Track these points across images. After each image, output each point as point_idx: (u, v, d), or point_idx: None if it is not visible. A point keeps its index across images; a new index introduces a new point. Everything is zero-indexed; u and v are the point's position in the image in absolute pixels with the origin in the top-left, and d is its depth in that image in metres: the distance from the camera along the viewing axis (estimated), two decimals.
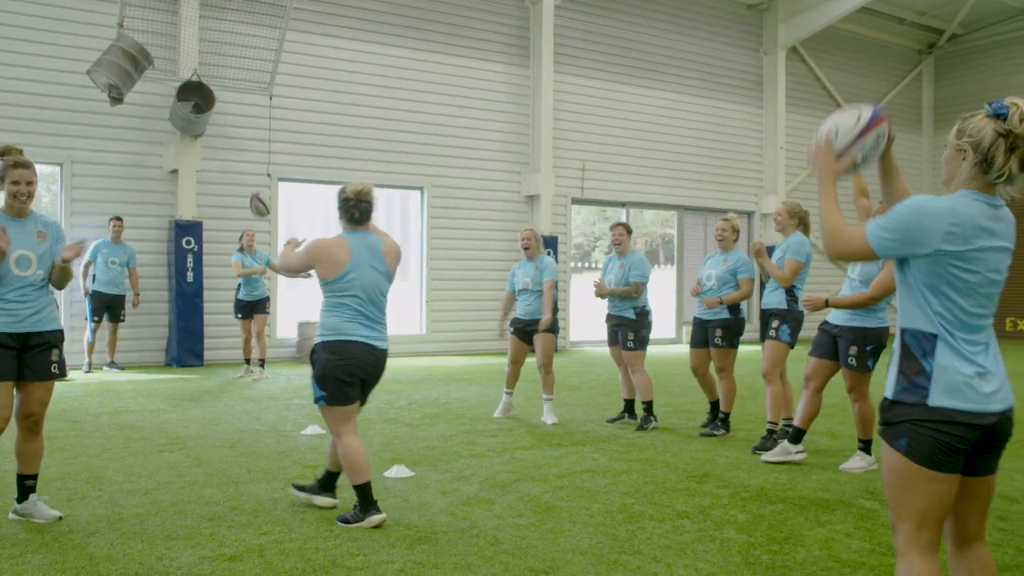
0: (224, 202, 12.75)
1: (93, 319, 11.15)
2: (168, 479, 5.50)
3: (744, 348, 7.70)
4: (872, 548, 4.25)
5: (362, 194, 4.68)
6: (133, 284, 11.49)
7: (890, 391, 2.59)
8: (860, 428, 6.07)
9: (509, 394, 8.17)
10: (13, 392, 4.41)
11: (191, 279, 12.17)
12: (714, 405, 7.48)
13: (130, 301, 11.49)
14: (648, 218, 19.65)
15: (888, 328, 5.69)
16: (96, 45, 11.27)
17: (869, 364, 5.83)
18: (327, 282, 4.63)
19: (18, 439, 4.51)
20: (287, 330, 13.44)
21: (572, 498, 5.15)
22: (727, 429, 7.30)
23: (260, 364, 10.87)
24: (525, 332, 7.87)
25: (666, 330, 17.33)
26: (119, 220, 11.34)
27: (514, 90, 15.38)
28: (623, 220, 13.54)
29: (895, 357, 2.61)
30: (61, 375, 4.57)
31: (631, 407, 7.86)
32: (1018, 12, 19.57)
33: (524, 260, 7.97)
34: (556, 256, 14.90)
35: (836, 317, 5.99)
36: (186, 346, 12.10)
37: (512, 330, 7.99)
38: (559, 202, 15.77)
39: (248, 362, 10.99)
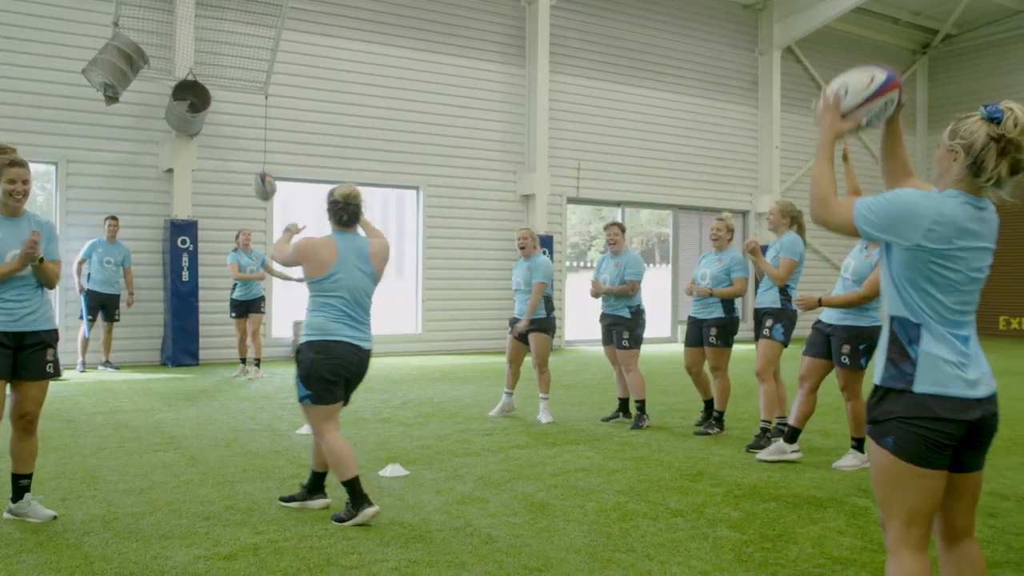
0: (220, 201, 12.74)
1: (88, 318, 11.13)
2: (163, 478, 5.51)
3: (738, 347, 7.71)
4: (864, 545, 4.28)
5: (350, 197, 4.74)
6: (128, 284, 11.47)
7: (878, 377, 2.63)
8: (853, 426, 6.10)
9: (509, 394, 8.15)
10: (7, 391, 4.42)
11: (186, 278, 12.16)
12: (708, 404, 7.50)
13: (125, 301, 11.47)
14: (644, 217, 19.67)
15: (880, 327, 5.70)
16: (91, 44, 11.23)
17: (862, 363, 5.85)
18: (313, 281, 4.70)
19: (12, 438, 4.51)
20: (282, 329, 13.43)
21: (566, 496, 5.17)
22: (721, 428, 7.32)
23: (256, 363, 10.87)
24: (522, 331, 7.89)
25: (661, 329, 17.34)
26: (114, 219, 11.32)
27: (510, 90, 15.38)
28: (618, 220, 13.55)
29: (883, 344, 2.65)
30: (56, 375, 4.58)
31: (626, 406, 7.88)
32: (1012, 12, 19.61)
33: (521, 259, 7.99)
34: (552, 255, 14.92)
35: (829, 316, 6.02)
36: (181, 345, 12.09)
37: (509, 329, 8.01)
38: (555, 201, 15.78)
39: (244, 361, 10.99)
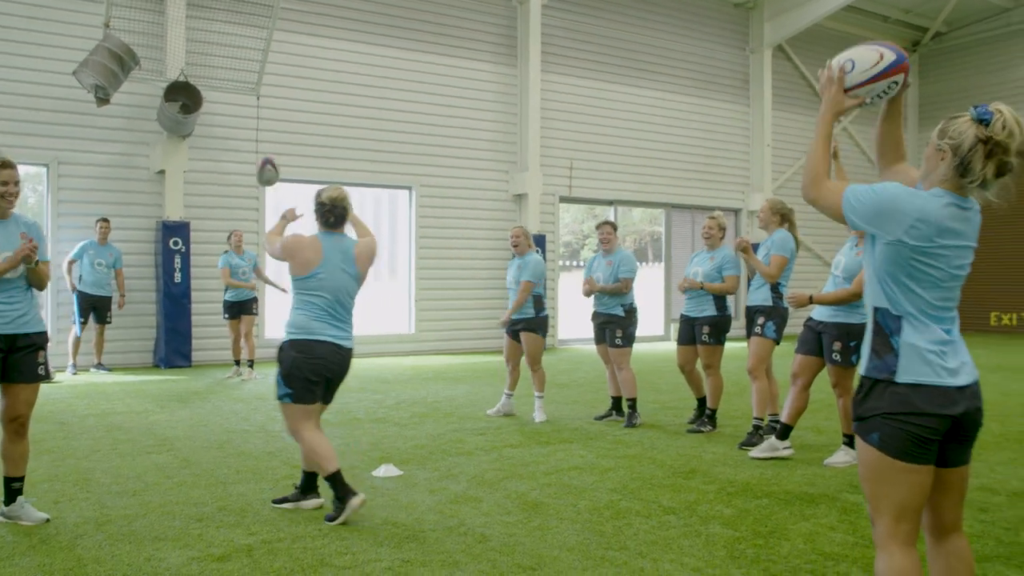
0: (212, 203, 12.72)
1: (80, 320, 11.10)
2: (156, 480, 5.50)
3: (730, 345, 7.74)
4: (856, 541, 4.29)
5: (336, 200, 4.80)
6: (119, 286, 11.43)
7: (863, 367, 2.66)
8: (844, 423, 6.12)
9: (509, 396, 8.13)
10: None
11: (179, 280, 12.13)
12: (701, 402, 7.51)
13: (116, 303, 11.44)
14: (636, 216, 19.69)
15: None
16: (82, 45, 11.20)
17: (853, 359, 5.88)
18: (297, 279, 4.76)
19: (4, 441, 4.51)
20: (275, 331, 13.41)
21: (559, 495, 5.18)
22: (714, 425, 7.34)
23: (249, 365, 10.86)
24: (513, 331, 7.90)
25: (654, 327, 17.36)
26: (106, 221, 11.29)
27: (502, 89, 15.38)
28: (610, 219, 13.57)
29: (868, 334, 2.68)
30: (46, 377, 4.58)
31: (618, 405, 7.89)
32: (1001, 10, 19.69)
33: (515, 257, 7.98)
34: (544, 255, 14.92)
35: (820, 313, 6.04)
36: (174, 347, 12.06)
37: (506, 328, 8.01)
38: (547, 201, 15.79)
39: (237, 363, 10.97)
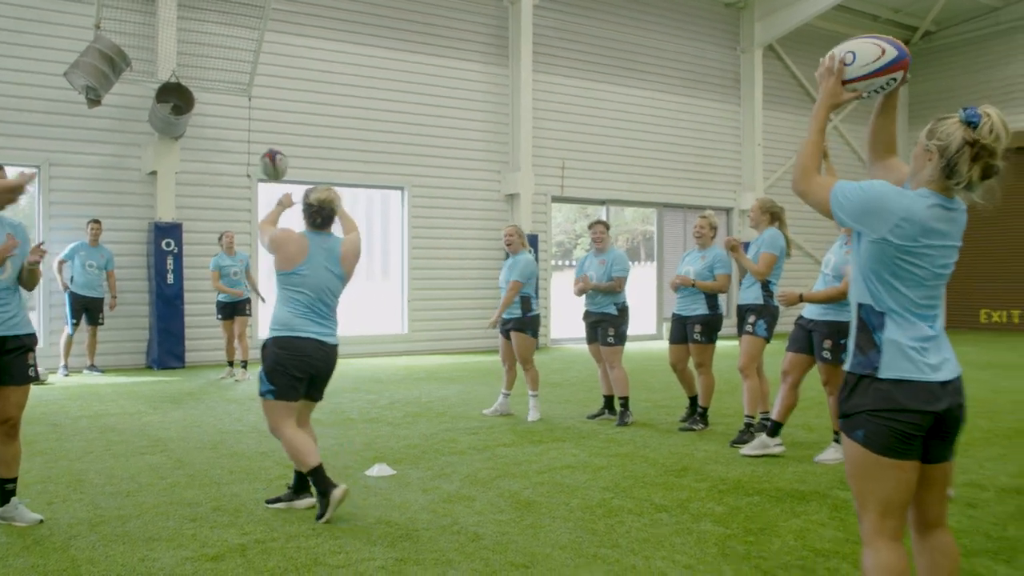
0: (204, 204, 12.69)
1: (72, 321, 11.07)
2: (150, 481, 5.50)
3: (722, 343, 7.77)
4: (846, 537, 4.32)
5: (325, 202, 4.84)
6: (111, 287, 11.41)
7: (848, 363, 2.69)
8: (835, 420, 6.12)
9: (506, 395, 8.12)
10: None
11: (171, 281, 12.10)
12: (693, 400, 7.53)
13: (108, 304, 11.41)
14: (628, 215, 19.72)
15: None
16: (73, 47, 11.17)
17: (843, 357, 5.86)
18: (280, 273, 4.80)
19: None
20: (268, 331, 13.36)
21: (552, 494, 5.19)
22: (705, 423, 7.37)
23: (242, 365, 10.85)
24: (505, 330, 7.91)
25: (646, 326, 17.39)
26: (97, 223, 11.26)
27: (493, 89, 15.38)
28: (602, 218, 13.57)
29: (852, 331, 2.70)
30: (36, 378, 4.58)
31: (611, 403, 7.90)
32: (990, 9, 19.77)
33: (509, 257, 7.98)
34: (537, 254, 14.91)
35: (811, 312, 6.07)
36: (167, 348, 12.03)
37: (499, 329, 8.02)
38: (539, 200, 15.80)
39: (231, 364, 10.96)
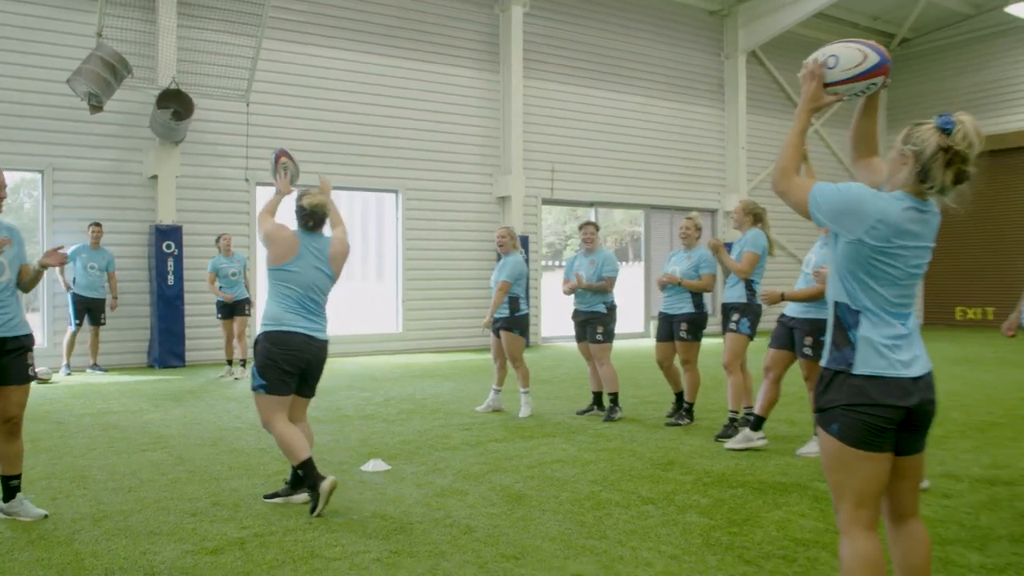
0: (203, 207, 12.69)
1: (75, 321, 11.06)
2: (151, 477, 5.51)
3: (707, 341, 7.80)
4: (826, 527, 4.35)
5: (317, 207, 4.92)
6: (112, 288, 11.41)
7: (824, 359, 2.73)
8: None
9: (496, 391, 8.14)
10: None
11: (172, 282, 12.10)
12: (679, 396, 7.56)
13: (109, 304, 11.41)
14: (617, 217, 19.76)
15: None
16: (75, 54, 11.17)
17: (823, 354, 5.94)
18: (271, 268, 4.84)
19: None
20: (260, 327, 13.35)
21: (542, 487, 5.22)
22: (691, 418, 7.40)
23: (241, 364, 10.85)
24: (495, 329, 7.93)
25: (634, 325, 17.43)
26: (98, 225, 11.26)
27: (485, 95, 15.41)
28: (592, 219, 13.59)
29: (828, 328, 2.74)
30: (35, 378, 4.60)
31: (600, 400, 7.94)
32: (963, 16, 19.92)
33: (500, 257, 8.00)
34: (527, 255, 14.95)
35: (792, 310, 6.11)
36: (168, 347, 12.03)
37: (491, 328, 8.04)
38: (530, 203, 15.83)
39: (230, 363, 10.97)
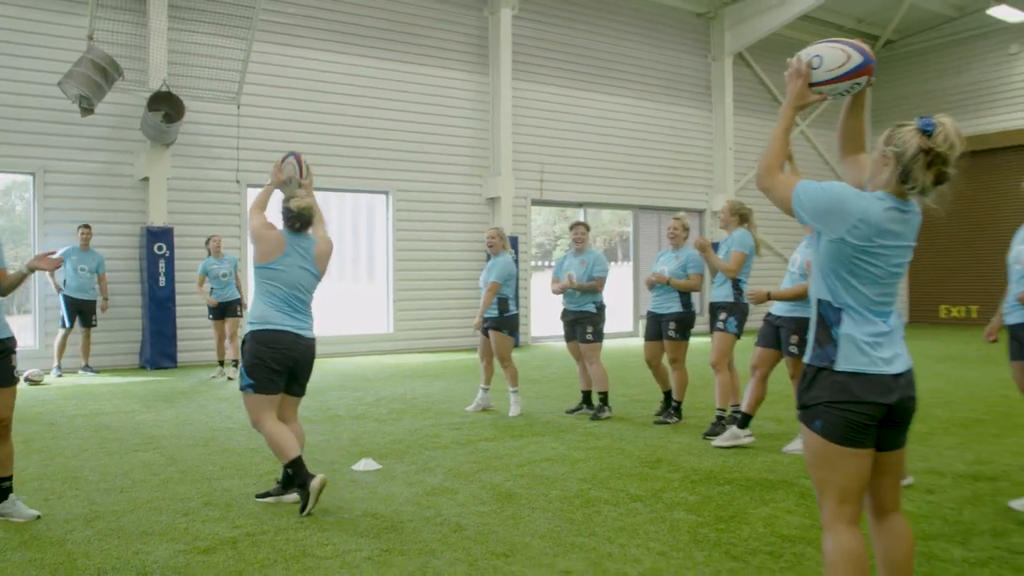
0: (194, 208, 12.63)
1: (67, 323, 11.00)
2: (143, 477, 5.48)
3: (694, 340, 7.81)
4: (811, 523, 4.36)
5: (304, 210, 4.89)
6: (102, 289, 11.35)
7: (807, 356, 2.72)
8: None
9: (485, 390, 8.13)
10: None
11: (163, 284, 12.05)
12: (667, 394, 7.57)
13: (100, 306, 11.36)
14: (606, 217, 19.78)
15: None
16: (66, 57, 11.09)
17: None
18: (257, 265, 4.84)
19: None
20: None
21: (532, 485, 5.21)
22: (679, 417, 7.41)
23: (233, 364, 10.80)
24: (484, 329, 7.92)
25: (623, 324, 17.45)
26: (87, 227, 11.20)
27: (475, 97, 15.40)
28: (582, 220, 13.60)
29: (812, 325, 2.74)
30: (19, 379, 4.57)
31: (589, 398, 7.94)
32: (946, 19, 20.03)
33: (490, 258, 7.99)
34: (517, 255, 14.94)
35: (778, 309, 6.13)
36: (159, 349, 11.97)
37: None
38: (519, 203, 15.82)
39: (222, 363, 10.93)
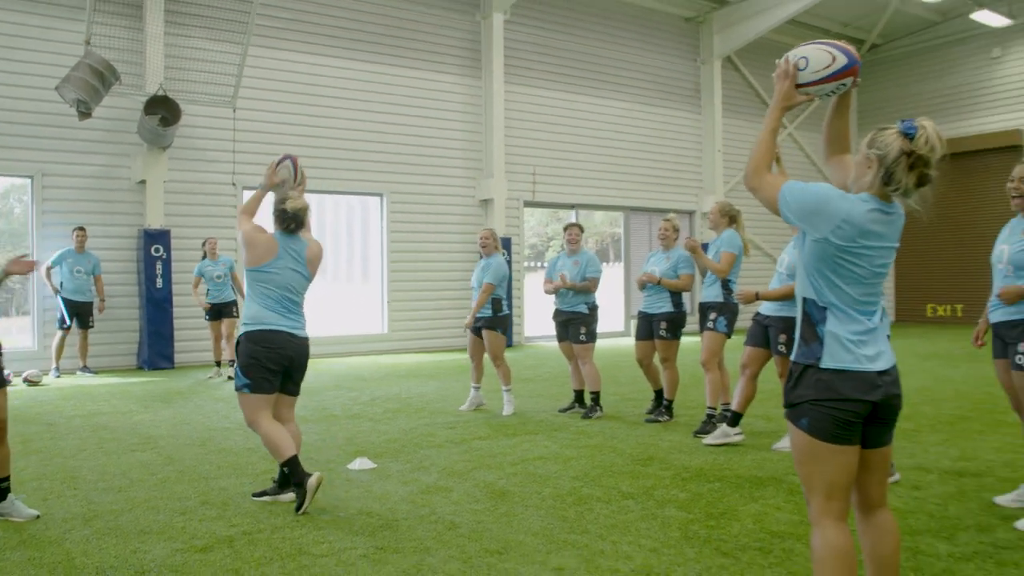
0: (191, 211, 12.60)
1: (63, 326, 10.97)
2: (141, 477, 5.46)
3: (685, 339, 7.83)
4: (800, 519, 4.37)
5: (299, 211, 4.86)
6: (99, 291, 11.32)
7: (793, 354, 2.73)
8: None
9: (476, 389, 8.12)
10: None
11: (160, 285, 12.01)
12: (658, 393, 7.58)
13: (97, 307, 11.32)
14: (598, 219, 19.80)
15: None
16: (64, 62, 11.07)
17: None
18: (250, 269, 4.79)
19: None
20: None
21: (525, 483, 5.21)
22: (670, 415, 7.42)
23: (230, 364, 10.77)
24: (475, 329, 7.92)
25: (614, 324, 17.46)
26: (82, 230, 11.16)
27: (467, 100, 15.40)
28: (575, 221, 13.58)
29: (798, 323, 2.75)
30: (9, 382, 4.57)
31: (581, 397, 7.94)
32: (930, 23, 20.13)
33: (482, 259, 7.99)
34: (510, 256, 14.96)
35: (767, 308, 6.14)
36: (156, 349, 11.94)
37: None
38: (512, 205, 15.83)
39: (218, 364, 10.90)
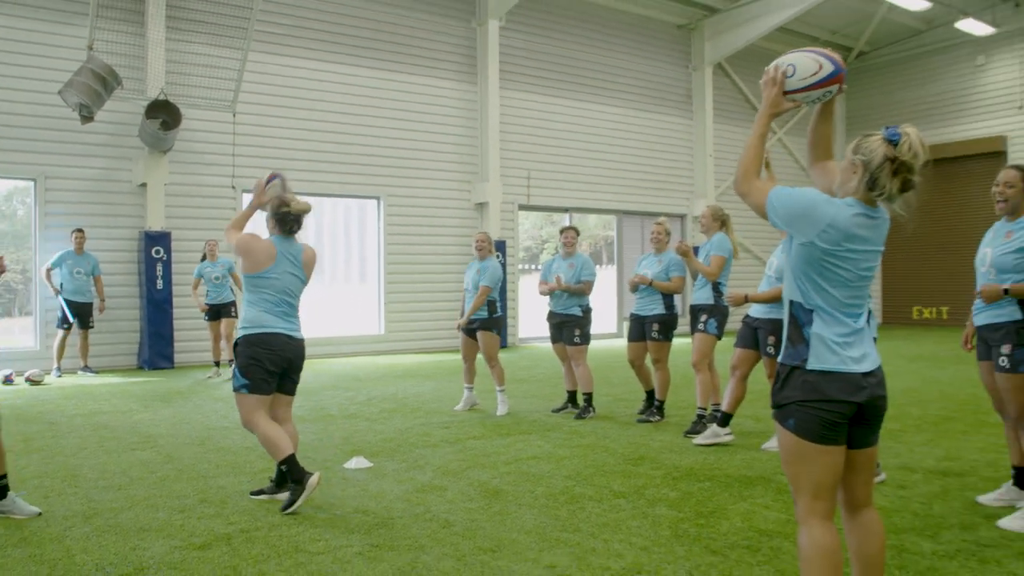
0: (191, 213, 12.59)
1: (64, 326, 10.95)
2: (141, 475, 5.46)
3: (677, 341, 7.83)
4: (788, 518, 4.38)
5: (303, 213, 4.89)
6: (99, 292, 11.30)
7: (780, 355, 2.74)
8: None
9: (469, 389, 8.13)
10: None
11: (161, 286, 12.00)
12: (650, 394, 7.57)
13: (97, 308, 11.30)
14: (591, 222, 19.82)
15: None
16: (67, 66, 11.06)
17: None
18: (247, 275, 4.80)
19: None
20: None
21: (519, 483, 5.22)
22: (662, 415, 7.43)
23: (229, 364, 10.77)
24: (469, 330, 7.92)
25: (607, 326, 17.48)
26: (80, 232, 11.14)
27: (463, 105, 15.40)
28: (570, 224, 13.58)
29: (784, 325, 2.75)
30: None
31: (574, 398, 7.94)
32: (915, 32, 20.21)
33: (475, 261, 7.99)
34: (504, 259, 14.96)
35: (756, 311, 6.15)
36: (157, 350, 11.92)
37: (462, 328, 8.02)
38: (507, 209, 15.84)
39: (217, 364, 10.89)
